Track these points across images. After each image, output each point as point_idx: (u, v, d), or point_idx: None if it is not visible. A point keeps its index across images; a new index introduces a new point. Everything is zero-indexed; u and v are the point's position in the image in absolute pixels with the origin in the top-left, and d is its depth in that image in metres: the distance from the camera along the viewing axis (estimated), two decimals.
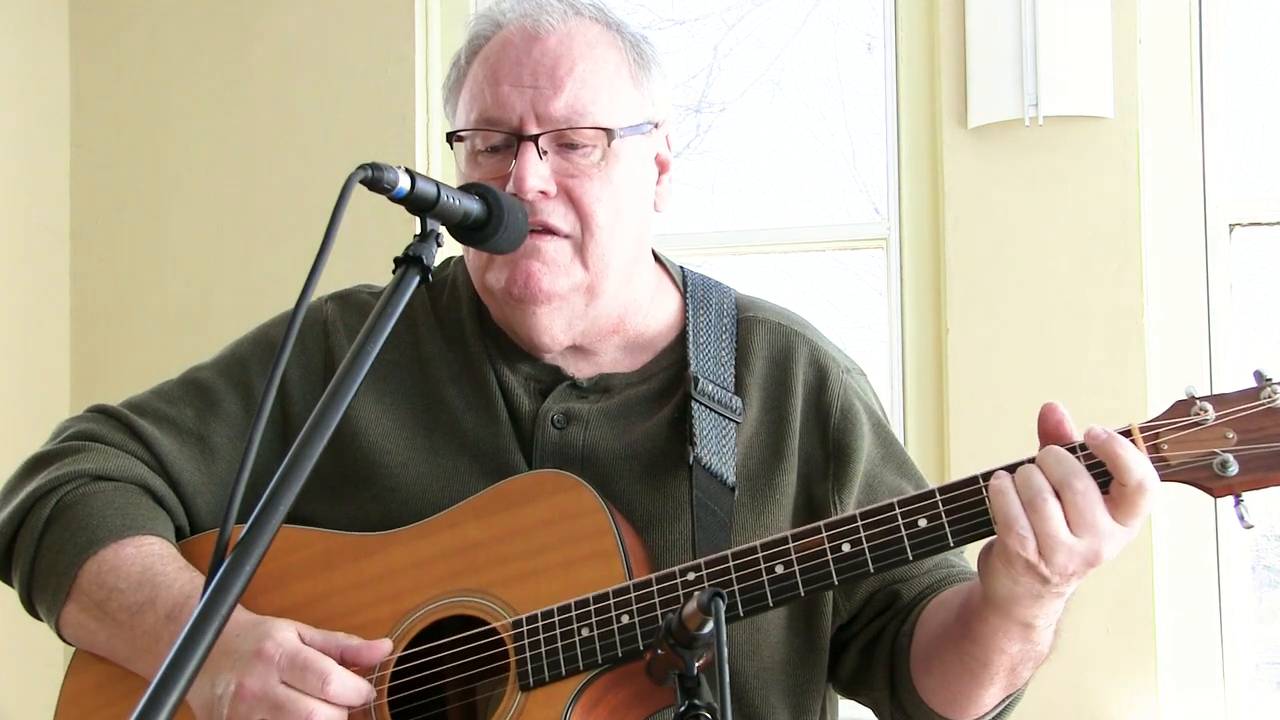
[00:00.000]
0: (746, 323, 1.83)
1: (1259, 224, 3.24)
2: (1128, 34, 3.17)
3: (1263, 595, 3.31)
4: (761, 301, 1.89)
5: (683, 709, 1.36)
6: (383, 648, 1.60)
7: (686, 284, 1.87)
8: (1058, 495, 1.47)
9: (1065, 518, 1.46)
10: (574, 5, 1.77)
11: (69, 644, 1.79)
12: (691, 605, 1.34)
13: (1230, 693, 3.12)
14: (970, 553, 1.67)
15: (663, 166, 1.82)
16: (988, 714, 1.69)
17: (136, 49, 3.92)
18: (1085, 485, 1.46)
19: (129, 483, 1.78)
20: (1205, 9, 3.23)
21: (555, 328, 1.75)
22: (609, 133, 1.71)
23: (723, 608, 1.29)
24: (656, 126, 1.79)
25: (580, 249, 1.72)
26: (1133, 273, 3.14)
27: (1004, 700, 1.68)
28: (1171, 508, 3.06)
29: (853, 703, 1.89)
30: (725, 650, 1.28)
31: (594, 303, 1.75)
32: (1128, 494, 1.46)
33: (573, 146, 1.71)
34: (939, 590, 1.75)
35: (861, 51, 3.69)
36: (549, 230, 1.70)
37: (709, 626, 1.33)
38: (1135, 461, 1.46)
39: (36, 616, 1.80)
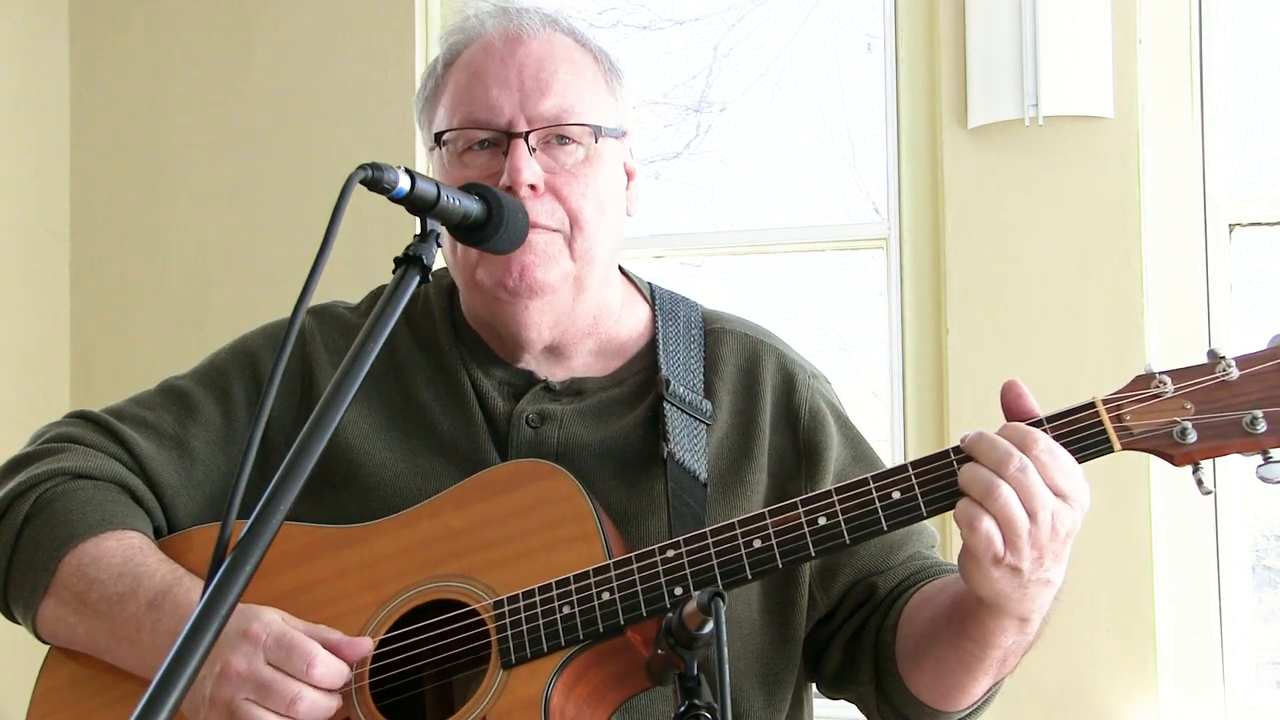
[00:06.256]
0: (714, 333, 1.90)
1: (1259, 224, 3.24)
2: (1128, 34, 3.17)
3: (1263, 595, 3.30)
4: (727, 314, 1.97)
5: (683, 709, 1.37)
6: (364, 645, 1.61)
7: (654, 297, 1.95)
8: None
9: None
10: (549, 19, 1.85)
11: (45, 641, 1.78)
12: (691, 605, 1.34)
13: (1230, 692, 3.12)
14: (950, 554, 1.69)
15: (630, 175, 1.90)
16: (976, 702, 1.74)
17: (136, 49, 3.92)
18: (1020, 462, 1.52)
19: (108, 481, 1.80)
20: (1205, 9, 3.23)
21: (543, 323, 1.80)
22: (595, 130, 1.79)
23: (723, 608, 1.29)
24: (626, 134, 1.87)
25: (569, 242, 1.78)
26: (1133, 273, 3.14)
27: (991, 687, 1.73)
28: (1171, 508, 3.06)
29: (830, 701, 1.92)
30: (725, 650, 1.29)
31: (580, 297, 1.81)
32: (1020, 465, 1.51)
33: (560, 145, 1.78)
34: (915, 582, 1.79)
35: (861, 51, 3.69)
36: (538, 226, 1.75)
37: (709, 626, 1.33)
38: (994, 439, 1.54)
39: (11, 618, 1.80)
